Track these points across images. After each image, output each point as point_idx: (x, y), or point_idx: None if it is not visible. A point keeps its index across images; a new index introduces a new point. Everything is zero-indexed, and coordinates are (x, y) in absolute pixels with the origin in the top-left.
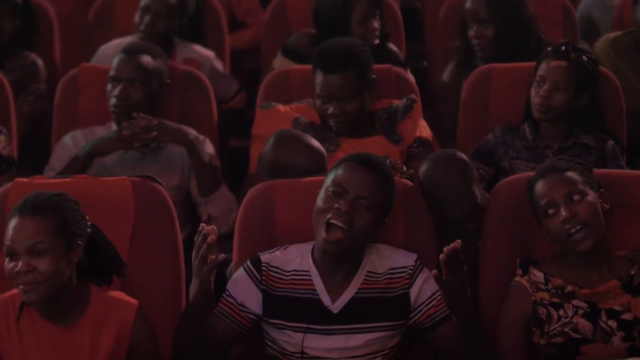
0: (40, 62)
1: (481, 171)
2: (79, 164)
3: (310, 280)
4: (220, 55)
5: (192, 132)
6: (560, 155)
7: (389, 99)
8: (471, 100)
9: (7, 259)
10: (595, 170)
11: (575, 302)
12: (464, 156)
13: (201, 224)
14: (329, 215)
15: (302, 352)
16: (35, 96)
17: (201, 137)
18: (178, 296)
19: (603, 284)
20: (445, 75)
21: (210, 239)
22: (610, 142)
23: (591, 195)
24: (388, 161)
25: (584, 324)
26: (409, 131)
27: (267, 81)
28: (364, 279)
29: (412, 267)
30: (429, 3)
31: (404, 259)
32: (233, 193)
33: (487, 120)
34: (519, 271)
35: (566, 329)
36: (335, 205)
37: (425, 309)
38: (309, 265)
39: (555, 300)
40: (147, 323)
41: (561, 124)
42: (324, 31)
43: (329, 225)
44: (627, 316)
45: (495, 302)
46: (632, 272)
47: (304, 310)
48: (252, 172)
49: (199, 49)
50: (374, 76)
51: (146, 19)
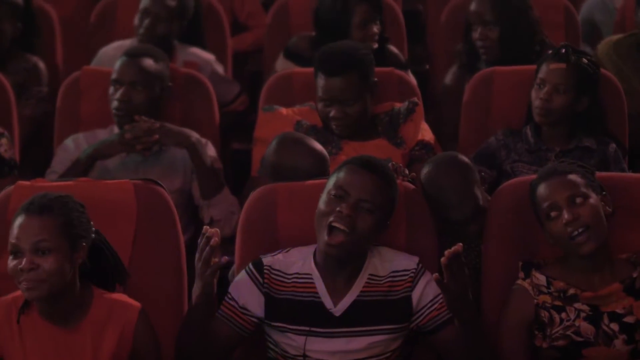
0: (42, 65)
1: (483, 174)
2: (81, 167)
3: (312, 283)
4: (222, 58)
5: (194, 135)
6: (562, 158)
7: (391, 102)
8: (473, 103)
9: (11, 257)
10: (598, 173)
11: (577, 305)
12: (465, 159)
13: (204, 227)
14: (331, 219)
15: (304, 355)
16: (37, 99)
17: (203, 140)
18: (180, 299)
19: (605, 287)
20: (448, 78)
21: (213, 241)
22: (612, 145)
23: (593, 198)
24: (390, 164)
25: (586, 327)
26: (411, 134)
27: (269, 84)
28: (366, 282)
29: (414, 270)
30: (431, 6)
31: (406, 262)
32: (235, 196)
33: (489, 123)
34: (521, 274)
35: (568, 332)
36: (337, 209)
37: (427, 312)
38: (311, 268)
39: (557, 303)
40: (150, 325)
41: (563, 127)
42: (324, 34)
43: (331, 229)
44: (629, 319)
45: (497, 305)
46: (634, 275)
47: (306, 313)
48: (254, 175)
49: (199, 52)
50: (376, 79)
51: (146, 22)
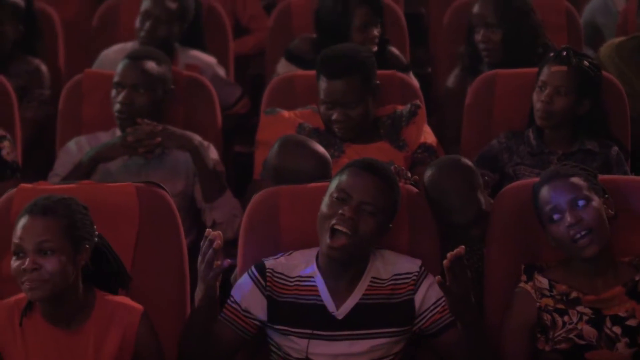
0: (44, 68)
1: (486, 177)
2: (83, 170)
3: (314, 286)
4: (224, 61)
5: (197, 138)
6: (564, 161)
7: (393, 105)
8: (475, 106)
9: (14, 258)
10: (600, 176)
11: (579, 309)
12: (469, 162)
13: (207, 229)
14: (334, 221)
15: (307, 358)
16: (39, 102)
17: (205, 143)
18: (182, 302)
19: (608, 290)
20: (450, 81)
21: (216, 244)
22: (615, 148)
23: (596, 201)
24: (392, 167)
25: (588, 330)
26: (413, 137)
27: (271, 87)
28: (369, 285)
29: (417, 273)
30: (434, 9)
31: (409, 265)
32: (237, 199)
33: (492, 126)
34: (524, 277)
35: (571, 335)
36: (340, 211)
37: (430, 315)
38: (314, 271)
39: (559, 306)
40: (152, 328)
41: (565, 129)
42: (325, 36)
43: (334, 231)
44: (632, 322)
45: (499, 308)
46: (637, 278)
47: (308, 316)
48: (257, 178)
49: (200, 55)
50: (378, 82)
51: (147, 24)
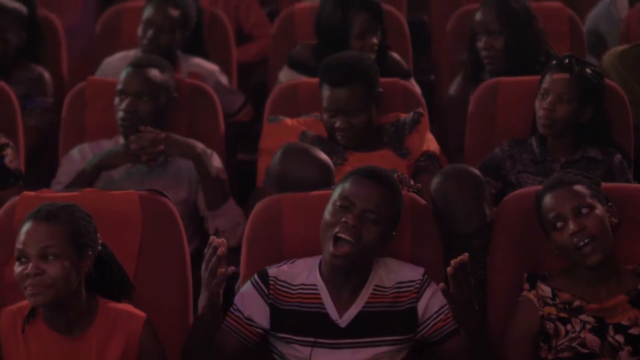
0: (47, 75)
1: (493, 191)
2: (87, 178)
3: (317, 294)
4: (227, 68)
5: (200, 146)
6: (567, 169)
7: (397, 113)
8: (478, 114)
9: (17, 263)
10: (603, 184)
11: (582, 317)
12: (477, 172)
13: (211, 237)
14: (337, 229)
15: None
16: (42, 109)
17: (208, 151)
18: (185, 310)
19: (611, 298)
20: (453, 89)
21: (220, 251)
22: (618, 156)
23: (599, 209)
24: (395, 175)
25: (591, 338)
26: (416, 145)
27: (274, 95)
28: (372, 293)
29: (420, 281)
30: (436, 16)
31: (412, 273)
32: (240, 207)
33: (495, 134)
34: (527, 286)
35: (574, 344)
36: (343, 219)
37: (433, 322)
38: (317, 279)
39: (562, 315)
40: (155, 335)
41: (567, 137)
42: (325, 42)
43: (337, 239)
44: (635, 331)
45: (502, 316)
46: None
47: (311, 324)
48: (260, 186)
49: (203, 62)
50: (381, 90)
51: (149, 32)
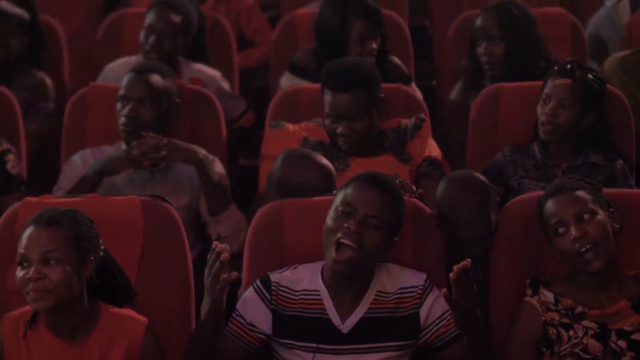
0: (48, 81)
1: (498, 199)
2: (88, 183)
3: (319, 300)
4: (229, 74)
5: (202, 152)
6: (569, 175)
7: (398, 118)
8: (480, 120)
9: (19, 268)
10: (605, 190)
11: (585, 323)
12: (484, 179)
13: (214, 242)
14: (339, 235)
15: None
16: (43, 115)
17: (210, 157)
18: (187, 315)
19: (613, 304)
20: (453, 95)
21: (223, 256)
22: (620, 162)
23: (601, 215)
24: (397, 180)
25: (594, 344)
26: (418, 150)
27: (276, 100)
28: (374, 299)
29: (422, 287)
30: (438, 21)
31: (414, 279)
32: (242, 212)
33: (496, 140)
34: (529, 291)
35: (576, 350)
36: (345, 225)
37: (435, 328)
38: (319, 285)
39: (565, 320)
40: (157, 341)
41: (569, 143)
42: (324, 46)
43: (339, 245)
44: (637, 336)
45: (505, 322)
46: None
47: (313, 330)
48: (262, 192)
49: (204, 68)
50: (382, 95)
51: (151, 38)
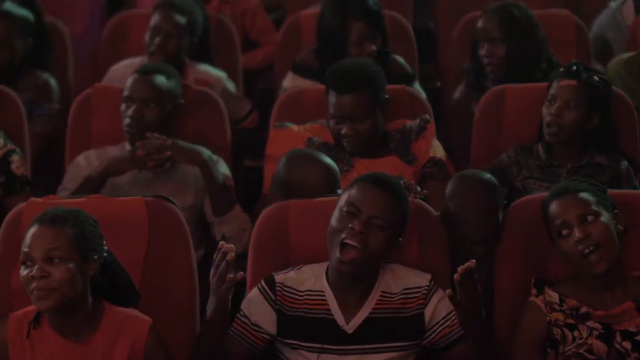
0: (53, 82)
1: (506, 202)
2: (93, 184)
3: (324, 300)
4: (233, 75)
5: (206, 152)
6: (574, 175)
7: (403, 119)
8: (485, 121)
9: (23, 267)
10: (609, 191)
11: (589, 324)
12: (494, 179)
13: (220, 242)
14: (343, 235)
15: None
16: (48, 116)
17: (215, 157)
18: (192, 316)
19: (617, 305)
20: (455, 97)
21: (229, 256)
22: (624, 163)
23: (605, 216)
24: (402, 181)
25: (598, 345)
26: (422, 151)
27: (280, 101)
28: (379, 299)
29: (427, 287)
30: (442, 23)
31: (419, 279)
32: (247, 213)
33: (501, 141)
34: (534, 291)
35: (581, 350)
36: (349, 225)
37: (440, 329)
38: (323, 285)
39: (569, 321)
40: (161, 340)
41: (574, 144)
42: (325, 46)
43: (343, 245)
44: None
45: (509, 322)
46: None
47: (318, 330)
48: (266, 192)
49: (210, 69)
50: (387, 96)
51: (156, 39)
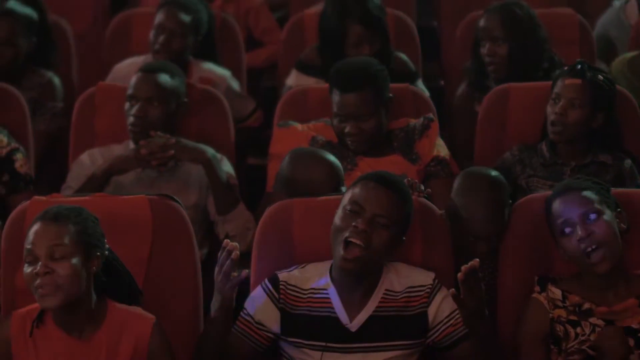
0: (57, 81)
1: (510, 201)
2: (96, 183)
3: (328, 298)
4: (237, 73)
5: (210, 151)
6: (577, 174)
7: (406, 118)
8: (489, 119)
9: (26, 265)
10: (613, 190)
11: (592, 320)
12: (501, 177)
13: (225, 240)
14: (347, 234)
15: None
16: (51, 114)
17: (219, 156)
18: (196, 314)
19: (620, 302)
20: (457, 97)
21: (234, 254)
22: (628, 161)
23: (608, 215)
24: (406, 180)
25: None
26: (426, 150)
27: (284, 100)
28: (382, 298)
29: (430, 286)
30: (446, 22)
31: (422, 278)
32: (250, 211)
33: (505, 140)
34: (537, 288)
35: (584, 347)
36: (353, 224)
37: (443, 327)
38: (327, 283)
39: (572, 317)
40: (164, 338)
41: (578, 142)
42: (325, 44)
43: (347, 244)
44: None
45: (513, 320)
46: None
47: (322, 328)
48: (270, 191)
49: (214, 68)
50: (391, 95)
51: (161, 37)
